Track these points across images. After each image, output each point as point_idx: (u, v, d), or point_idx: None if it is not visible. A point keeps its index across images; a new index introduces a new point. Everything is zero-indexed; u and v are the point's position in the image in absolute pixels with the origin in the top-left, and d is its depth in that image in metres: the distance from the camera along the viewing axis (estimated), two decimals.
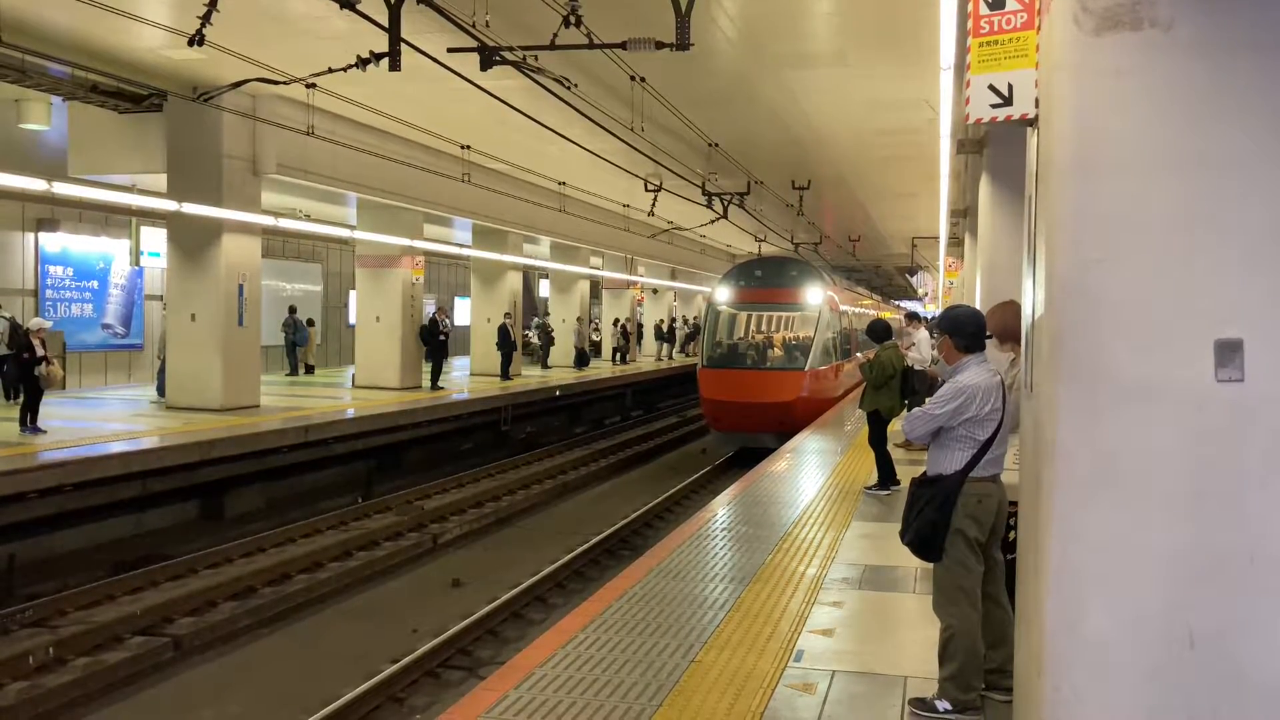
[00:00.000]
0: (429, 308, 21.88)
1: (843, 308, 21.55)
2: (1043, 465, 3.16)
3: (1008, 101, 3.50)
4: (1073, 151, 3.00)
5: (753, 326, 20.28)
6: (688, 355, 35.70)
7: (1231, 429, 2.81)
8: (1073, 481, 2.97)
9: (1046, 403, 3.12)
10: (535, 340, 28.35)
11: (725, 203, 19.99)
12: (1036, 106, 3.41)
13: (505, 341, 22.60)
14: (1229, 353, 2.79)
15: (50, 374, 12.09)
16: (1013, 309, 5.10)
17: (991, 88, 3.52)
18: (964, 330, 4.74)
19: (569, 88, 10.14)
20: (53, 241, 18.72)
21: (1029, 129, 3.56)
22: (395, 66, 8.25)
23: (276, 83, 12.03)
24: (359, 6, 7.50)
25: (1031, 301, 3.48)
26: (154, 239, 18.51)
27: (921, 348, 12.49)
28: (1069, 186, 2.99)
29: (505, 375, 22.49)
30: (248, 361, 15.52)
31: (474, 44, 8.89)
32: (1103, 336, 2.92)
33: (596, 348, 32.29)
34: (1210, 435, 2.83)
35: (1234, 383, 2.78)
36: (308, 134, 13.87)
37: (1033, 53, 3.45)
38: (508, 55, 9.11)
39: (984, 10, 3.54)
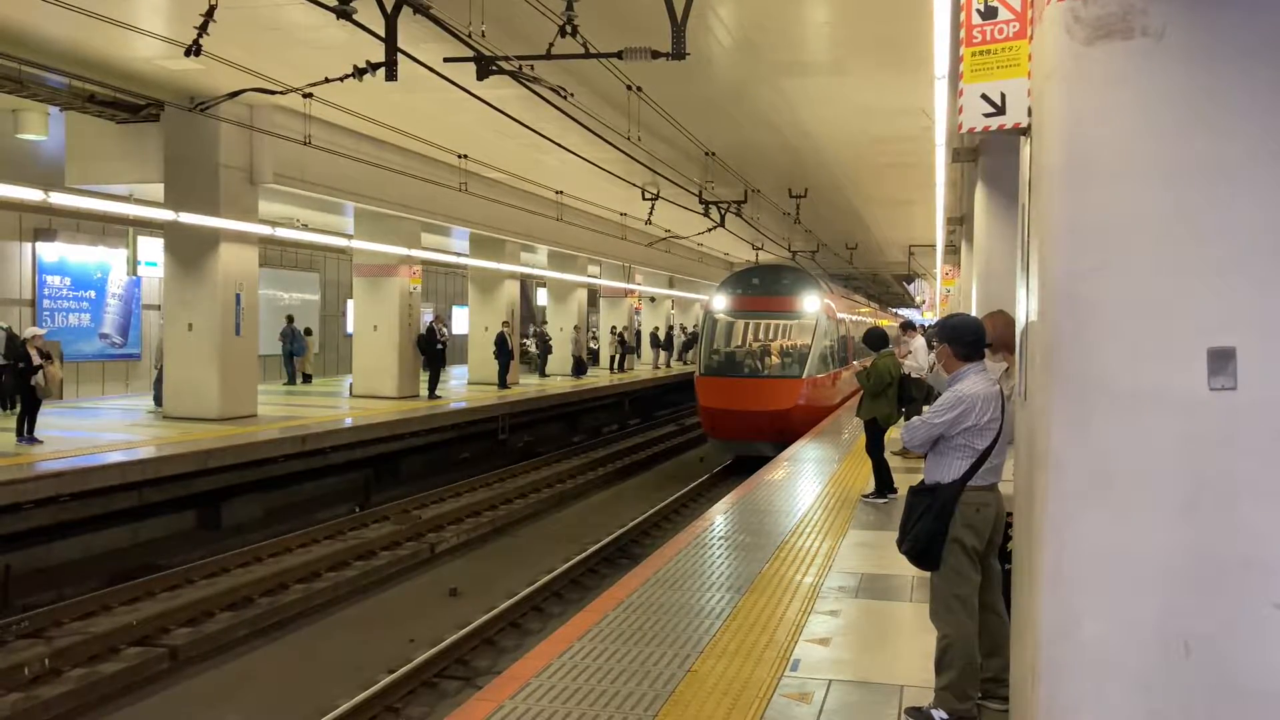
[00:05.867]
0: (426, 317, 21.88)
1: (840, 315, 21.55)
2: (1036, 473, 3.15)
3: (1000, 111, 3.50)
4: (1065, 160, 3.00)
5: (750, 335, 20.28)
6: (685, 363, 35.70)
7: (1225, 436, 2.80)
8: (1066, 489, 2.96)
9: (1040, 411, 3.12)
10: (533, 349, 28.36)
11: (722, 211, 20.03)
12: (1029, 115, 3.41)
13: (503, 350, 22.62)
14: (1222, 361, 2.78)
15: (49, 374, 12.08)
16: (1003, 318, 5.10)
17: (984, 97, 3.53)
18: (962, 339, 4.74)
19: (565, 97, 10.16)
20: (50, 251, 18.73)
21: (1022, 138, 3.57)
22: (392, 76, 8.26)
23: (273, 92, 12.05)
24: (355, 17, 7.51)
25: (1025, 310, 3.48)
26: (151, 249, 18.49)
27: (918, 355, 12.49)
28: (1061, 195, 2.99)
29: (503, 384, 22.51)
30: (245, 371, 15.51)
31: (470, 53, 8.92)
32: (1095, 344, 2.91)
33: (595, 356, 32.28)
34: (1203, 442, 2.81)
35: (1227, 391, 2.78)
36: (305, 143, 13.91)
37: (1025, 62, 3.45)
38: (504, 65, 9.13)
39: (976, 20, 3.55)
